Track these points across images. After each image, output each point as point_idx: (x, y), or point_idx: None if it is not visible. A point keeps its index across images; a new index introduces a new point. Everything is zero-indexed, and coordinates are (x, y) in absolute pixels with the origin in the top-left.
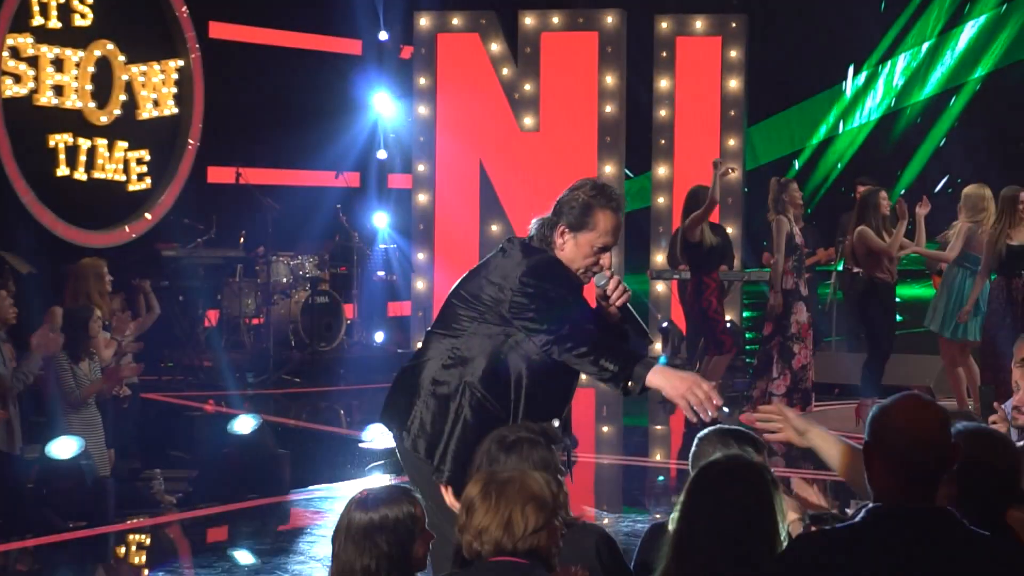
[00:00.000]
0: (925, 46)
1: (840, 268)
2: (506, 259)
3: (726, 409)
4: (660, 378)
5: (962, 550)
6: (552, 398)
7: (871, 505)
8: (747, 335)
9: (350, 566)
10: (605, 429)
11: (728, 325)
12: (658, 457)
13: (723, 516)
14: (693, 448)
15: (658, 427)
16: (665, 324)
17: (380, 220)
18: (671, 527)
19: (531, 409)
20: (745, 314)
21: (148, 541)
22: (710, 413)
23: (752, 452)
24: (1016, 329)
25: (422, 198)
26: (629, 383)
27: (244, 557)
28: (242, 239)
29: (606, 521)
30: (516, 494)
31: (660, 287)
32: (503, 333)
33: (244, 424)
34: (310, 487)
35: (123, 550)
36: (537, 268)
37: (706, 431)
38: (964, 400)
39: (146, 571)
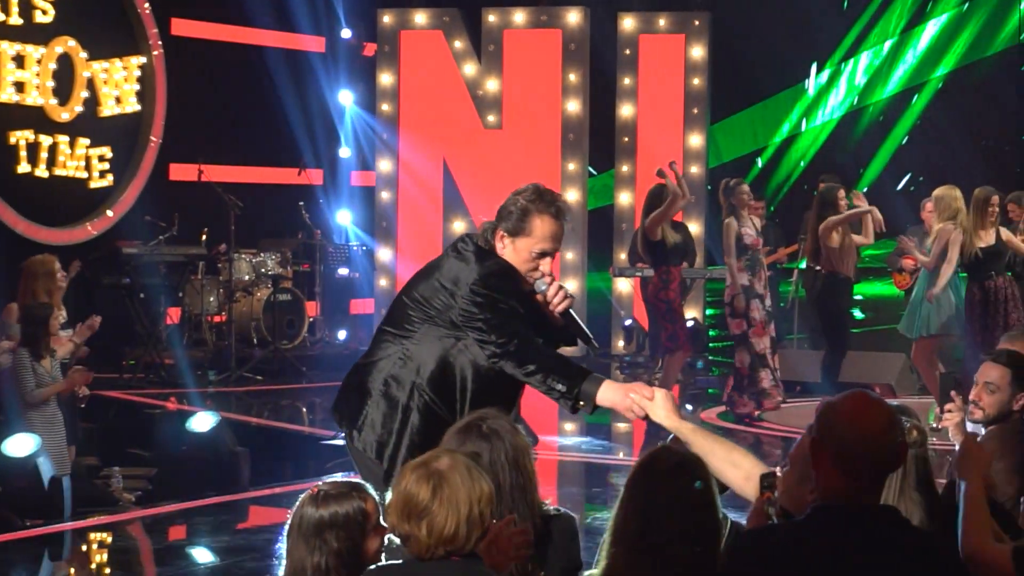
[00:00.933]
0: (887, 44)
1: (802, 266)
2: (460, 261)
3: (689, 407)
4: (609, 394)
5: (906, 549)
6: (499, 402)
7: (816, 502)
8: (711, 332)
9: (301, 564)
10: (568, 427)
11: (691, 323)
12: (620, 454)
13: (660, 510)
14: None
15: (620, 424)
16: (629, 322)
17: (343, 218)
18: (610, 519)
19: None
20: (708, 311)
21: (105, 539)
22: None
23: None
24: (994, 331)
25: (385, 195)
26: (580, 403)
27: (202, 555)
28: (204, 236)
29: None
30: (467, 492)
31: (623, 284)
32: (453, 337)
33: (202, 422)
34: (270, 485)
35: (80, 548)
36: (489, 276)
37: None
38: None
39: (104, 569)
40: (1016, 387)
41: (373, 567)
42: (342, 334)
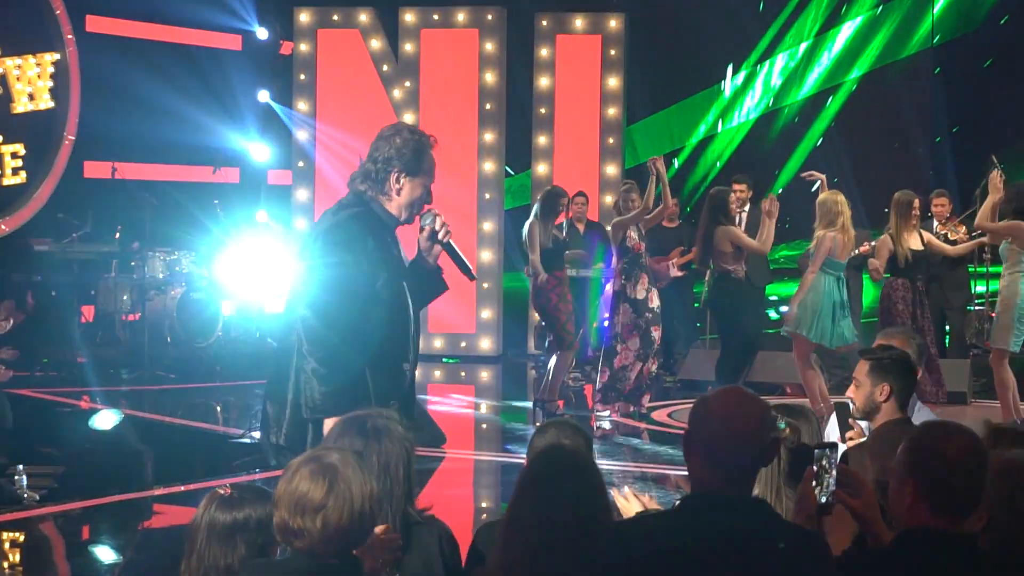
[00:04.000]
0: (803, 47)
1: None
2: (322, 231)
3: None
4: None
5: (770, 539)
6: (395, 375)
7: (687, 494)
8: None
9: (215, 564)
10: (484, 426)
11: (602, 323)
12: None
13: (556, 507)
14: (531, 440)
15: (536, 423)
16: (544, 322)
17: (261, 216)
18: (503, 517)
19: (379, 385)
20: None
21: (6, 537)
22: None
23: (582, 444)
24: (918, 332)
25: (302, 194)
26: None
27: (104, 554)
28: (118, 234)
29: (484, 517)
30: (359, 488)
31: None
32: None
33: (105, 420)
34: (177, 483)
35: None
36: (334, 230)
37: (545, 424)
38: (818, 398)
39: (3, 567)
40: (876, 378)
41: (252, 562)
42: (258, 332)
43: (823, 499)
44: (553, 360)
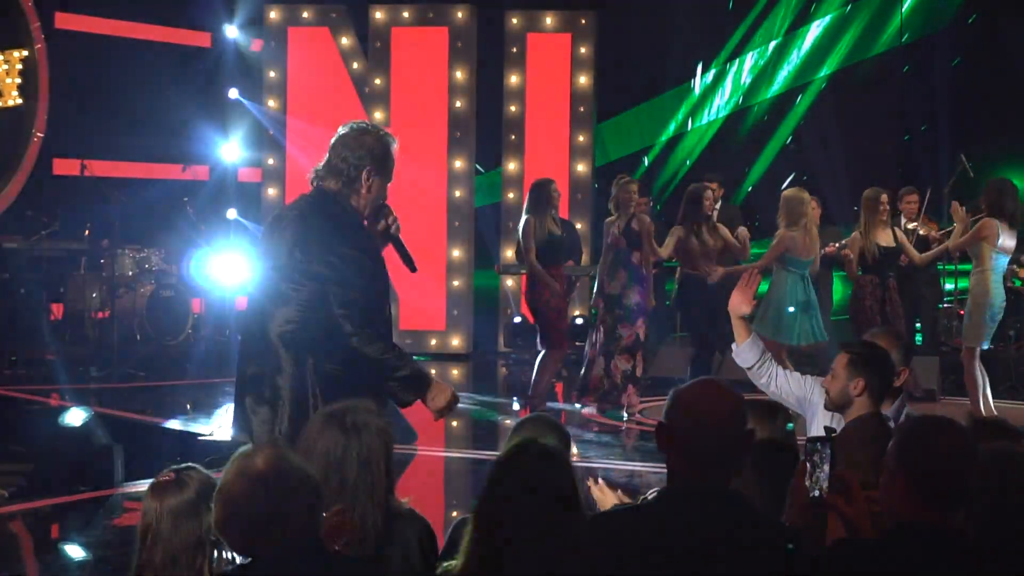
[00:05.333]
0: (772, 45)
1: None
2: (305, 225)
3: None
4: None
5: (746, 533)
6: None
7: (665, 486)
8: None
9: (184, 543)
10: (454, 423)
11: (579, 320)
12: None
13: (522, 502)
14: (511, 433)
15: (507, 421)
16: (518, 319)
17: (232, 215)
18: (473, 509)
19: (359, 368)
20: (595, 311)
21: None
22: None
23: (555, 440)
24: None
25: (272, 192)
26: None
27: (73, 551)
28: (87, 232)
29: (455, 514)
30: (300, 483)
31: (511, 282)
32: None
33: (74, 417)
34: (143, 480)
35: None
36: (322, 227)
37: (523, 419)
38: None
39: None
40: (852, 372)
41: (224, 571)
42: (227, 331)
43: (815, 492)
44: (541, 360)
